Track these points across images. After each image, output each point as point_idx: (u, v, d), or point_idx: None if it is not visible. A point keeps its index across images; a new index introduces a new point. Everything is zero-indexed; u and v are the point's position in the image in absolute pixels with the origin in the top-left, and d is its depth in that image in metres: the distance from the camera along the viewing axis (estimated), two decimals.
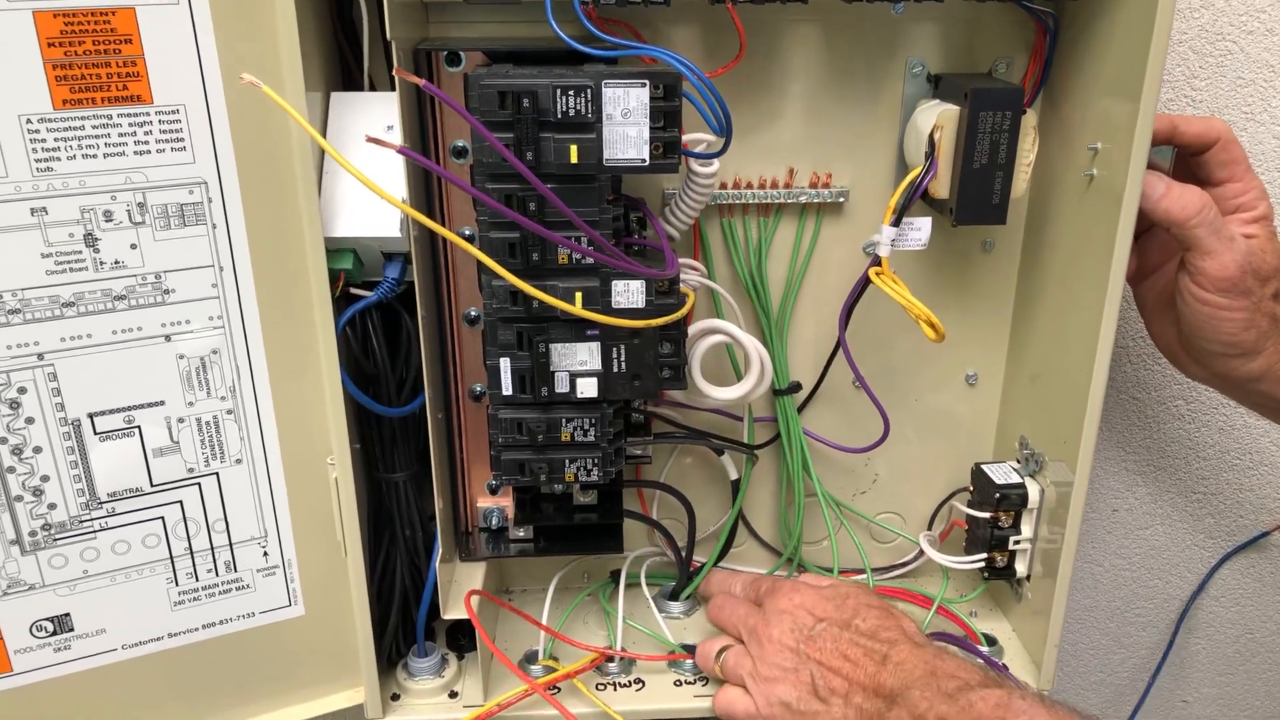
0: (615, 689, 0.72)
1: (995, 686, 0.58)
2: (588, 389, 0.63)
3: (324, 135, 0.61)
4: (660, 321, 0.60)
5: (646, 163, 0.58)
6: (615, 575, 0.80)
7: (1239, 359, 0.68)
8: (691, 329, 0.69)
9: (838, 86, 0.69)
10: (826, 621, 0.65)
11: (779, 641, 0.66)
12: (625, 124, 0.58)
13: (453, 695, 0.71)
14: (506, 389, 0.63)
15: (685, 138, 0.63)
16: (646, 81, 0.57)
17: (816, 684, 0.63)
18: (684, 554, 0.78)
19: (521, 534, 0.73)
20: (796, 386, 0.76)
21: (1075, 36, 0.66)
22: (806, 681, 0.63)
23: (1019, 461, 0.75)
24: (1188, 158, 0.68)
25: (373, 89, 0.64)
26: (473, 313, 0.68)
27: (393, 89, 0.59)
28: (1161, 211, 0.64)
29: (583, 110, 0.57)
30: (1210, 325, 0.66)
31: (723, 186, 0.71)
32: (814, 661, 0.64)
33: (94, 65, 0.53)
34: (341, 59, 0.64)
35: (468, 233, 0.66)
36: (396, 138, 0.59)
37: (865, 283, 0.67)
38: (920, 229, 0.66)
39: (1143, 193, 0.63)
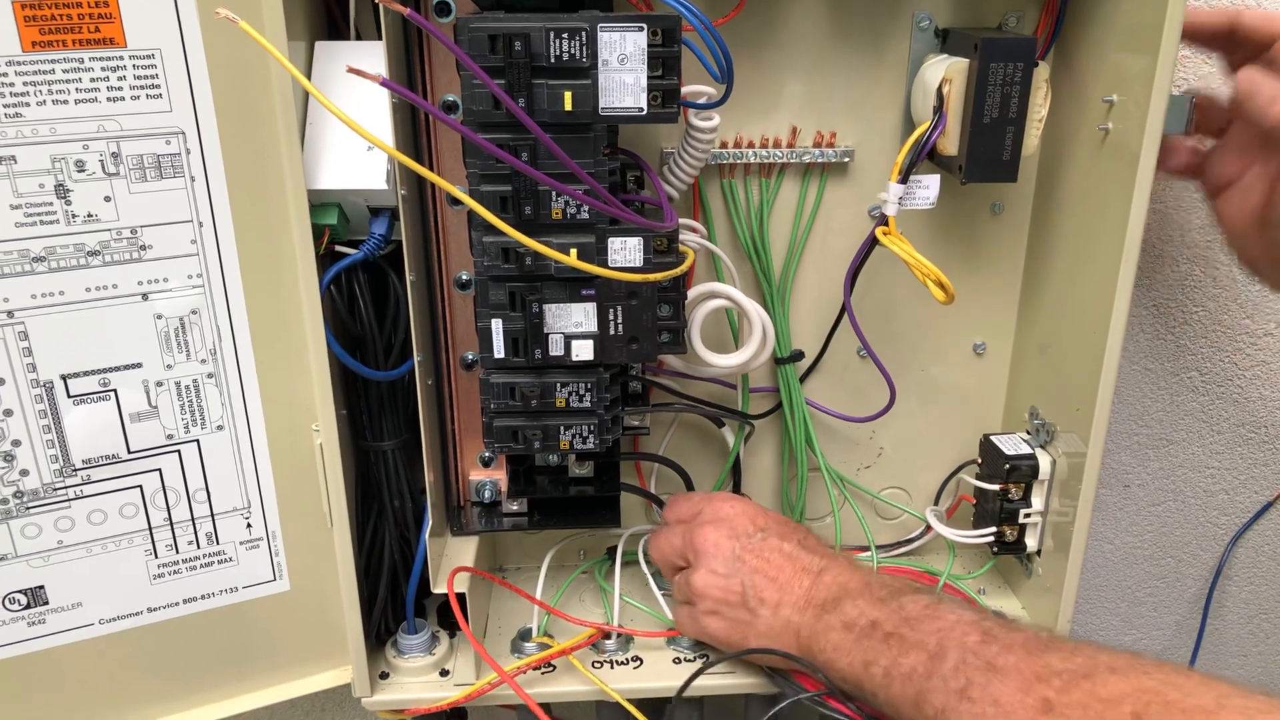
0: (612, 666, 0.70)
1: (924, 593, 0.59)
2: (583, 352, 0.61)
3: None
4: (660, 277, 0.58)
5: (644, 112, 0.56)
6: (612, 552, 0.77)
7: None
8: (691, 292, 0.67)
9: (842, 41, 0.67)
10: (767, 531, 0.65)
11: (714, 544, 0.65)
12: (622, 70, 0.55)
13: (444, 674, 0.69)
14: (499, 352, 0.61)
15: (685, 90, 0.61)
16: (644, 25, 0.54)
17: (747, 592, 0.63)
18: None
19: (515, 507, 0.71)
20: (799, 355, 0.73)
21: None
22: (737, 590, 0.63)
23: (1029, 432, 0.72)
24: (1250, 58, 0.61)
25: (360, 39, 0.62)
26: (464, 276, 0.66)
27: (380, 40, 0.56)
28: (1274, 116, 0.58)
29: (577, 55, 0.54)
30: None
31: (723, 146, 0.68)
32: (749, 568, 0.63)
33: (64, 5, 0.51)
34: (327, 9, 0.62)
35: (460, 189, 0.63)
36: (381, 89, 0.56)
37: (872, 243, 0.65)
38: (928, 187, 0.64)
39: (1248, 94, 0.59)
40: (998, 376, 0.76)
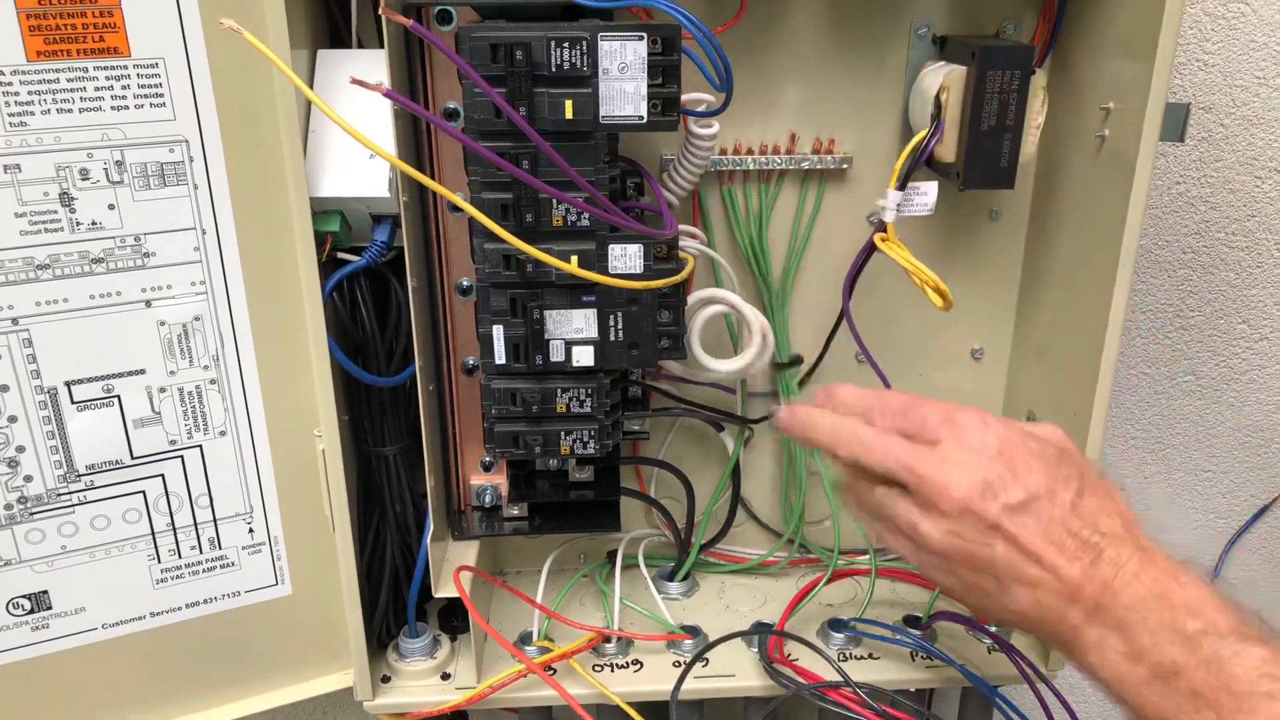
0: (613, 670, 0.70)
1: (1255, 643, 0.43)
2: (584, 358, 0.61)
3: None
4: (660, 284, 0.58)
5: (644, 120, 0.57)
6: (612, 555, 0.78)
7: None
8: (691, 298, 0.67)
9: (841, 49, 0.67)
10: (1035, 490, 0.49)
11: (963, 504, 0.50)
12: (622, 79, 0.56)
13: (445, 677, 0.69)
14: (500, 358, 0.61)
15: (684, 97, 0.61)
16: (644, 34, 0.55)
17: (999, 565, 0.49)
18: (683, 534, 0.76)
19: (516, 512, 0.72)
20: (798, 360, 0.74)
21: None
22: (986, 559, 0.50)
23: None
24: None
25: (361, 48, 0.62)
26: (465, 282, 0.66)
27: (381, 48, 0.57)
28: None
29: (578, 64, 0.55)
30: None
31: (722, 152, 0.69)
32: (1007, 539, 0.49)
33: (69, 15, 0.51)
34: (329, 18, 0.62)
35: (461, 196, 0.63)
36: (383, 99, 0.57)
37: (870, 249, 0.65)
38: (926, 193, 0.64)
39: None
40: (995, 381, 0.77)
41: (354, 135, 0.48)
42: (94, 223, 0.55)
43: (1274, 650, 0.43)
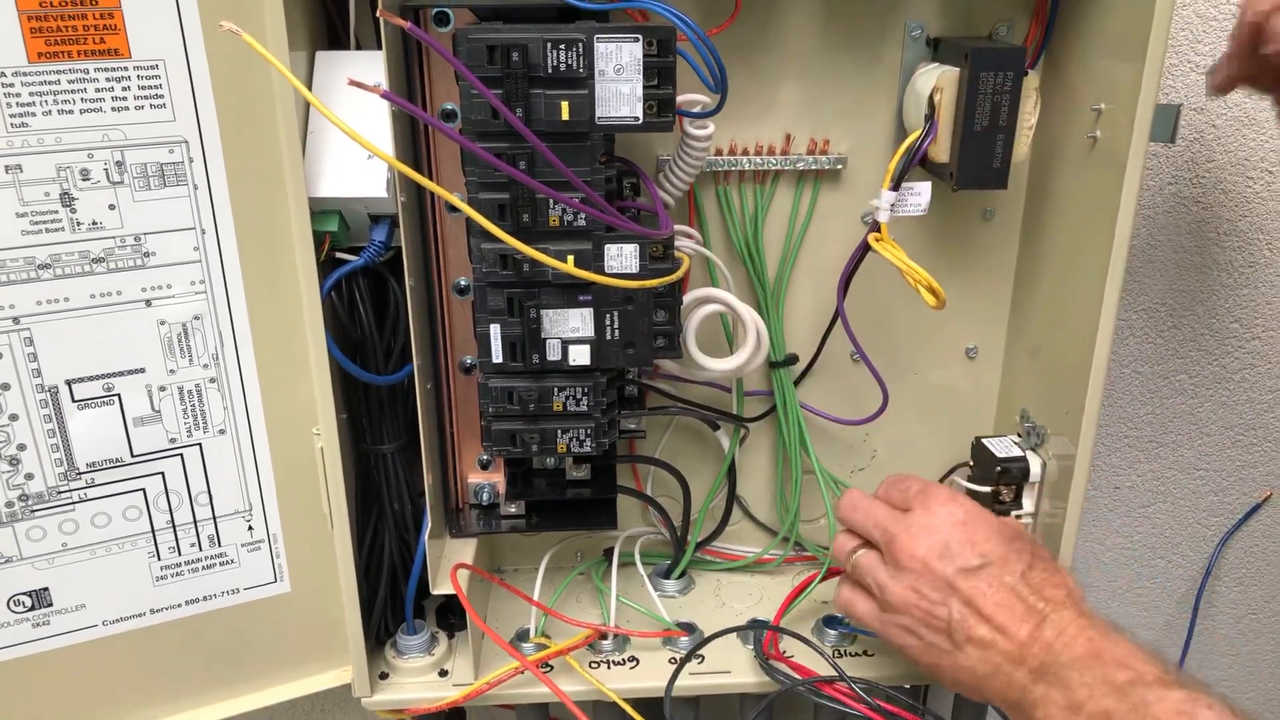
0: (609, 667, 0.71)
1: (1175, 687, 0.48)
2: (580, 357, 0.62)
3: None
4: (655, 283, 0.59)
5: (640, 121, 0.57)
6: (609, 553, 0.78)
7: None
8: (686, 298, 0.68)
9: (835, 50, 0.68)
10: (991, 559, 0.56)
11: (924, 562, 0.57)
12: (618, 80, 0.56)
13: (443, 674, 0.70)
14: (497, 356, 0.62)
15: (680, 98, 0.62)
16: (640, 36, 0.55)
17: (954, 624, 0.55)
18: (679, 532, 0.77)
19: (513, 510, 0.72)
20: (793, 359, 0.74)
21: None
22: (943, 618, 0.56)
23: (1020, 435, 0.73)
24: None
25: (360, 49, 0.63)
26: (462, 282, 0.67)
27: (379, 49, 0.57)
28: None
29: (574, 65, 0.55)
30: None
31: (718, 153, 0.69)
32: (962, 600, 0.55)
33: (70, 17, 0.52)
34: (328, 19, 0.63)
35: (458, 196, 0.64)
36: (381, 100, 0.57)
37: (865, 249, 0.66)
38: (920, 193, 0.65)
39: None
40: (989, 380, 0.77)
41: (352, 136, 0.48)
42: (94, 223, 0.55)
43: (1190, 693, 0.48)
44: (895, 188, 0.64)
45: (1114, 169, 0.60)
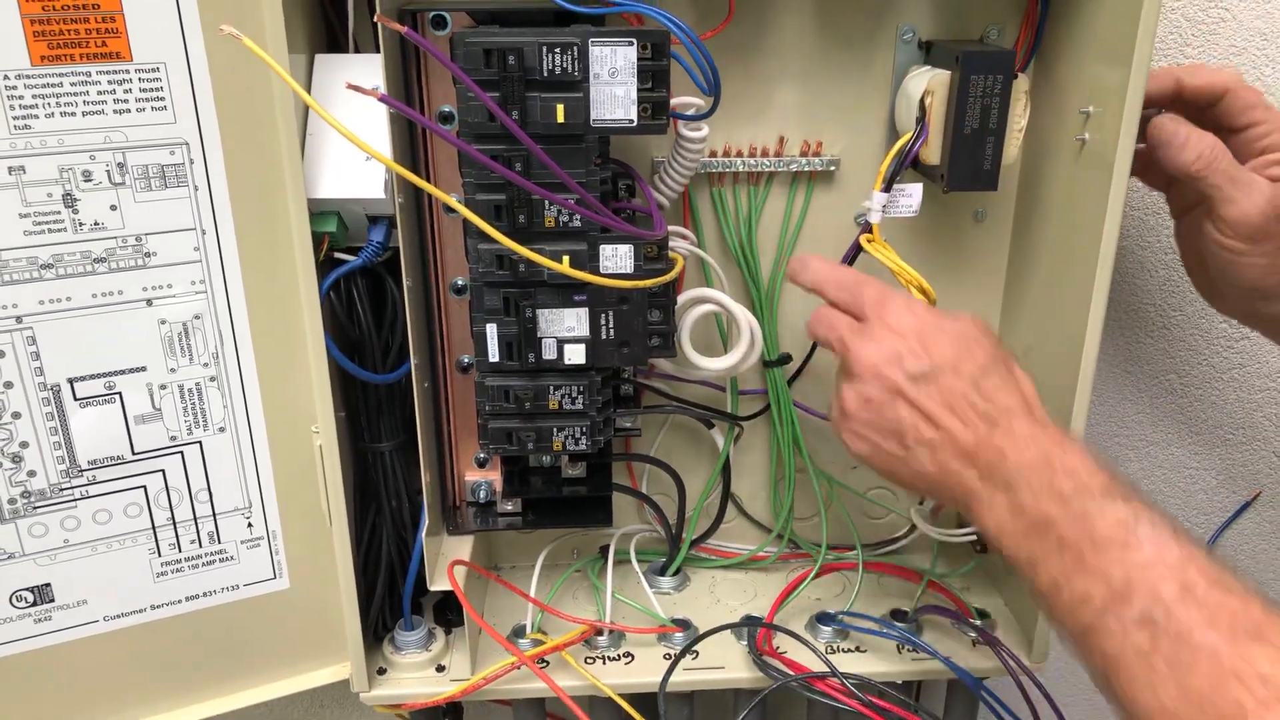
0: (604, 662, 0.71)
1: (1119, 500, 0.49)
2: (575, 356, 0.63)
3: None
4: (649, 283, 0.60)
5: (635, 123, 0.58)
6: (605, 551, 0.79)
7: (1264, 301, 0.65)
8: (681, 298, 0.68)
9: (828, 53, 0.69)
10: (941, 365, 0.56)
11: (874, 369, 0.57)
12: (613, 83, 0.57)
13: (440, 669, 0.71)
14: (493, 355, 0.63)
15: (674, 101, 0.62)
16: (634, 40, 0.56)
17: (905, 429, 0.56)
18: (674, 529, 0.77)
19: (509, 507, 0.73)
20: (787, 358, 0.75)
21: (1067, 1, 0.65)
22: (892, 420, 0.57)
23: None
24: (1200, 111, 0.65)
25: (359, 52, 0.63)
26: (459, 282, 0.67)
27: (378, 52, 0.58)
28: (1176, 165, 0.61)
29: (569, 69, 0.56)
30: (1234, 270, 0.64)
31: (712, 154, 0.70)
32: (910, 405, 0.56)
33: (72, 21, 0.53)
34: (327, 23, 0.64)
35: (456, 199, 0.65)
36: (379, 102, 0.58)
37: (857, 250, 0.67)
38: (911, 195, 0.66)
39: (1159, 142, 0.62)
40: None
41: (350, 138, 0.49)
42: (96, 223, 0.56)
43: (1133, 507, 0.49)
44: (887, 189, 0.65)
45: (1102, 171, 0.61)
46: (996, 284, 0.76)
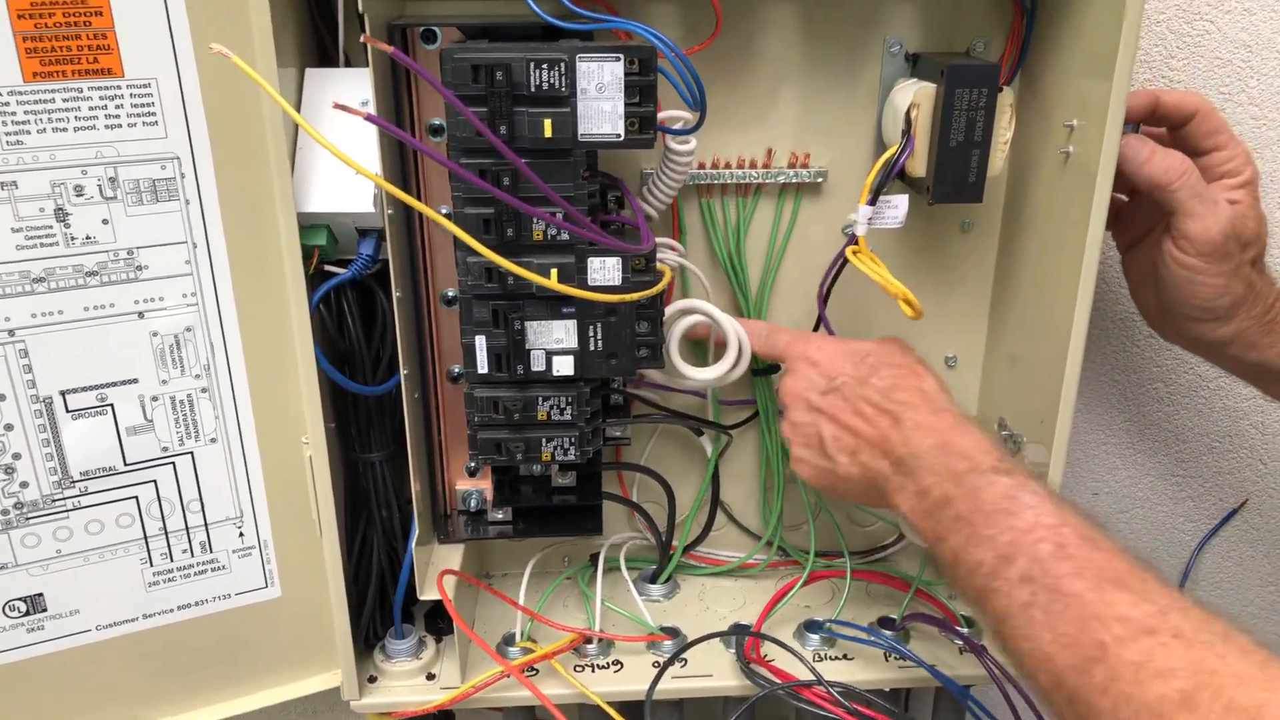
0: (594, 670, 0.72)
1: (1004, 475, 0.55)
2: (564, 367, 0.63)
3: (299, 112, 0.61)
4: (635, 297, 0.60)
5: (622, 138, 0.58)
6: (595, 559, 0.79)
7: (1211, 324, 0.68)
8: (669, 309, 0.69)
9: (816, 66, 0.69)
10: (843, 377, 0.64)
11: (792, 394, 0.66)
12: (600, 98, 0.57)
13: (430, 677, 0.71)
14: (482, 367, 0.63)
15: (662, 115, 0.63)
16: (621, 56, 0.57)
17: (825, 440, 0.63)
18: (664, 537, 0.78)
19: (500, 516, 0.73)
20: (775, 367, 0.75)
21: (1052, 15, 0.66)
22: (814, 435, 0.64)
23: None
24: (1170, 131, 0.68)
25: (349, 66, 0.64)
26: (450, 293, 0.68)
27: (368, 66, 0.58)
28: (1144, 176, 0.64)
29: (557, 84, 0.57)
30: (1188, 289, 0.66)
31: (700, 166, 0.70)
32: (825, 417, 0.63)
33: (64, 38, 0.53)
34: (317, 36, 0.64)
35: (445, 211, 0.65)
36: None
37: (843, 262, 0.67)
38: (897, 207, 0.66)
39: (1126, 157, 0.63)
40: (969, 389, 0.79)
41: (338, 155, 0.49)
42: (88, 237, 0.57)
43: (1016, 479, 0.54)
44: (873, 202, 0.65)
45: (1086, 182, 0.62)
46: (984, 294, 0.76)
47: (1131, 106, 0.65)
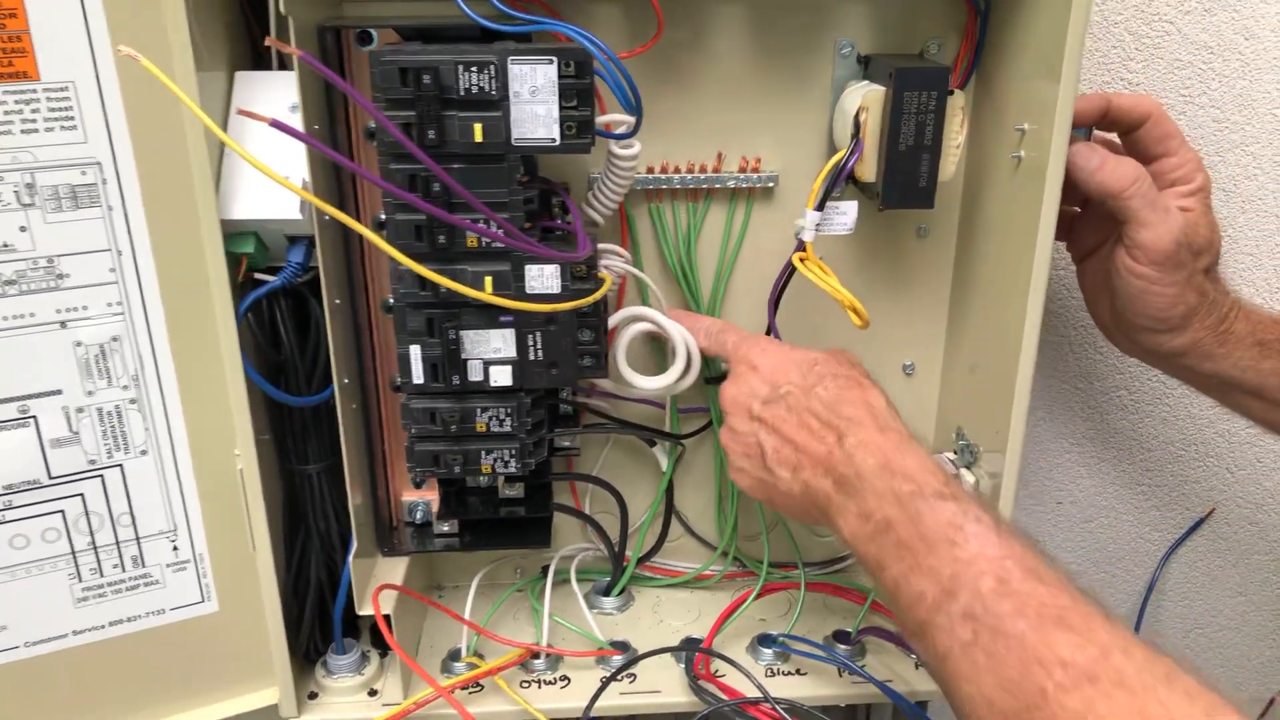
0: (540, 686, 0.70)
1: (949, 500, 0.52)
2: (502, 377, 0.62)
3: (227, 115, 0.59)
4: (568, 306, 0.59)
5: (557, 142, 0.57)
6: (547, 571, 0.78)
7: (1166, 334, 0.67)
8: (615, 317, 0.67)
9: (766, 68, 0.68)
10: (789, 386, 0.61)
11: (734, 401, 0.63)
12: (534, 102, 0.56)
13: (372, 694, 0.69)
14: (418, 377, 0.62)
15: (605, 118, 0.62)
16: (554, 58, 0.55)
17: (766, 452, 0.60)
18: (616, 549, 0.76)
19: (446, 529, 0.72)
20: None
21: (1004, 17, 0.64)
22: (755, 445, 0.61)
23: (955, 453, 0.73)
24: (1122, 136, 0.67)
25: (283, 69, 0.62)
26: (390, 301, 0.66)
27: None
28: (1096, 183, 0.62)
29: (486, 88, 0.55)
30: (1142, 299, 0.65)
31: (649, 171, 0.69)
32: (768, 428, 0.60)
33: None
34: (251, 39, 0.63)
35: (384, 217, 0.64)
36: (298, 118, 0.57)
37: (790, 269, 0.66)
38: (846, 213, 0.65)
39: (1077, 165, 0.62)
40: (928, 396, 0.77)
41: (254, 164, 0.48)
42: (5, 245, 0.55)
43: (963, 505, 0.52)
44: (820, 207, 0.64)
45: (1037, 188, 0.60)
46: (941, 301, 0.75)
47: (1083, 110, 0.63)
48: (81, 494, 0.61)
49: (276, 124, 0.46)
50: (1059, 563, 0.50)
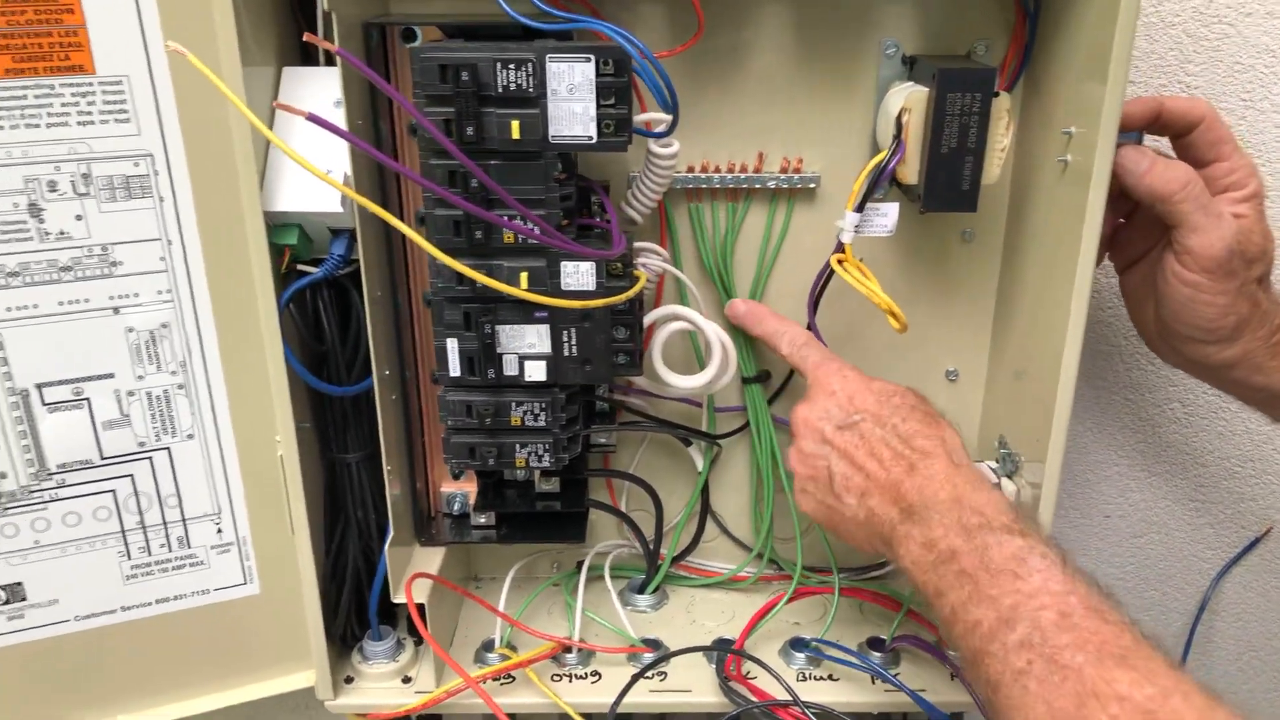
0: (571, 680, 0.71)
1: (1017, 535, 0.52)
2: (536, 373, 0.62)
3: (274, 110, 0.61)
4: (602, 303, 0.59)
5: (594, 140, 0.57)
6: (582, 565, 0.78)
7: (1215, 345, 0.65)
8: (653, 315, 0.68)
9: (809, 67, 0.67)
10: (864, 415, 0.61)
11: (805, 423, 0.63)
12: (571, 100, 0.56)
13: (406, 680, 0.71)
14: (454, 370, 0.62)
15: (644, 117, 0.62)
16: (592, 56, 0.56)
17: (834, 477, 0.60)
18: (651, 547, 0.77)
19: (483, 520, 0.73)
20: (766, 375, 0.74)
21: (1054, 18, 0.63)
22: (824, 469, 0.61)
23: (997, 461, 0.72)
24: (1174, 140, 0.65)
25: (330, 65, 0.64)
26: (429, 294, 0.67)
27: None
28: (1145, 187, 0.61)
29: (524, 85, 0.56)
30: (1190, 308, 0.63)
31: (689, 170, 0.69)
32: (839, 453, 0.60)
33: (35, 35, 0.54)
34: (299, 34, 0.64)
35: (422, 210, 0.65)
36: (342, 114, 0.58)
37: (829, 270, 0.65)
38: (886, 215, 0.64)
39: (1125, 168, 0.60)
40: (971, 403, 0.76)
41: (295, 159, 0.49)
42: (62, 233, 0.57)
43: (1030, 541, 0.52)
44: (860, 209, 0.63)
45: (1083, 192, 0.59)
46: (986, 307, 0.73)
47: (1133, 113, 0.61)
48: (131, 475, 0.63)
49: (313, 118, 0.47)
50: (1124, 606, 0.49)
